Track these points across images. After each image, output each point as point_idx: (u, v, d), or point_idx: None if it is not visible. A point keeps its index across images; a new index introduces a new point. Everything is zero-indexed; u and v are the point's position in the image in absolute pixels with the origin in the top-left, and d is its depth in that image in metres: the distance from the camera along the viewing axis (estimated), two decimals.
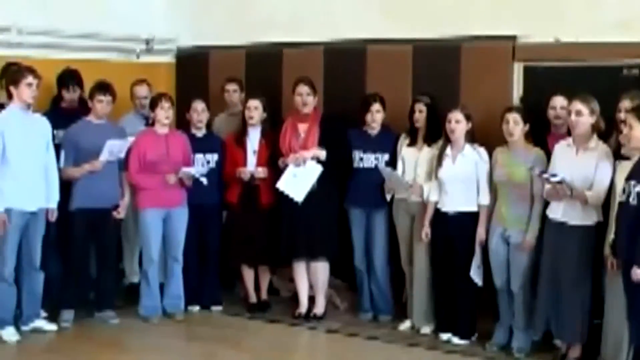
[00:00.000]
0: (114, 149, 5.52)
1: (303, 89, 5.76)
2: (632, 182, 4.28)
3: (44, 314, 5.55)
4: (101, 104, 5.59)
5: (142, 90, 6.27)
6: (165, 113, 5.73)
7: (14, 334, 5.30)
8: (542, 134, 5.27)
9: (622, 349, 4.63)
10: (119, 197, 5.73)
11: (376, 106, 5.67)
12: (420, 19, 6.00)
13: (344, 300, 6.14)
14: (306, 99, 5.74)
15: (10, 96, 5.29)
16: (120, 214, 5.74)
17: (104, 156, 5.49)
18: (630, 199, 4.25)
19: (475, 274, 5.22)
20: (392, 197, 5.63)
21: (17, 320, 5.40)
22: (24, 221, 5.29)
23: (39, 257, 5.41)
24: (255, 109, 5.86)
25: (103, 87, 5.62)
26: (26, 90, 5.21)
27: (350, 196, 5.77)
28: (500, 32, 5.69)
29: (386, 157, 5.64)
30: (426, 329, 5.54)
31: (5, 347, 5.22)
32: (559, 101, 5.22)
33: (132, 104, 6.32)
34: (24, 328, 5.41)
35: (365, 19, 6.27)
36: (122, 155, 5.62)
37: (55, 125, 5.52)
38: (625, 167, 4.52)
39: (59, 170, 5.48)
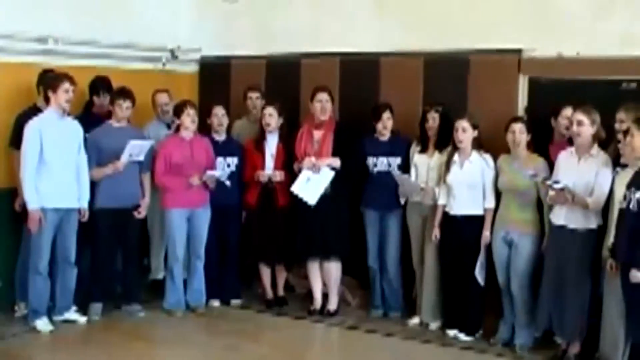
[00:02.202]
0: (134, 150, 5.70)
1: (323, 95, 5.92)
2: (633, 190, 4.43)
3: (74, 306, 5.75)
4: (121, 108, 5.79)
5: (163, 97, 6.47)
6: (190, 119, 5.93)
7: (48, 325, 5.53)
8: (544, 143, 5.42)
9: (619, 346, 4.76)
10: (140, 197, 5.94)
11: (387, 114, 5.85)
12: (432, 33, 6.16)
13: (356, 297, 6.30)
14: (325, 106, 5.90)
15: (47, 100, 5.51)
16: (141, 213, 5.94)
17: (125, 156, 5.66)
18: (631, 206, 4.41)
19: (479, 274, 5.38)
20: (406, 200, 5.80)
21: (50, 312, 5.62)
22: (58, 219, 5.50)
23: (74, 253, 5.62)
24: (271, 116, 6.02)
25: (123, 93, 5.83)
26: (63, 96, 5.44)
27: (365, 199, 5.93)
28: (507, 46, 5.84)
29: (398, 160, 5.82)
30: (434, 325, 5.71)
31: (40, 336, 5.46)
32: (569, 112, 5.24)
33: (154, 112, 6.50)
34: (57, 319, 5.63)
35: (380, 33, 6.43)
36: (142, 157, 5.79)
37: (87, 129, 5.71)
38: (625, 174, 4.67)
39: None
